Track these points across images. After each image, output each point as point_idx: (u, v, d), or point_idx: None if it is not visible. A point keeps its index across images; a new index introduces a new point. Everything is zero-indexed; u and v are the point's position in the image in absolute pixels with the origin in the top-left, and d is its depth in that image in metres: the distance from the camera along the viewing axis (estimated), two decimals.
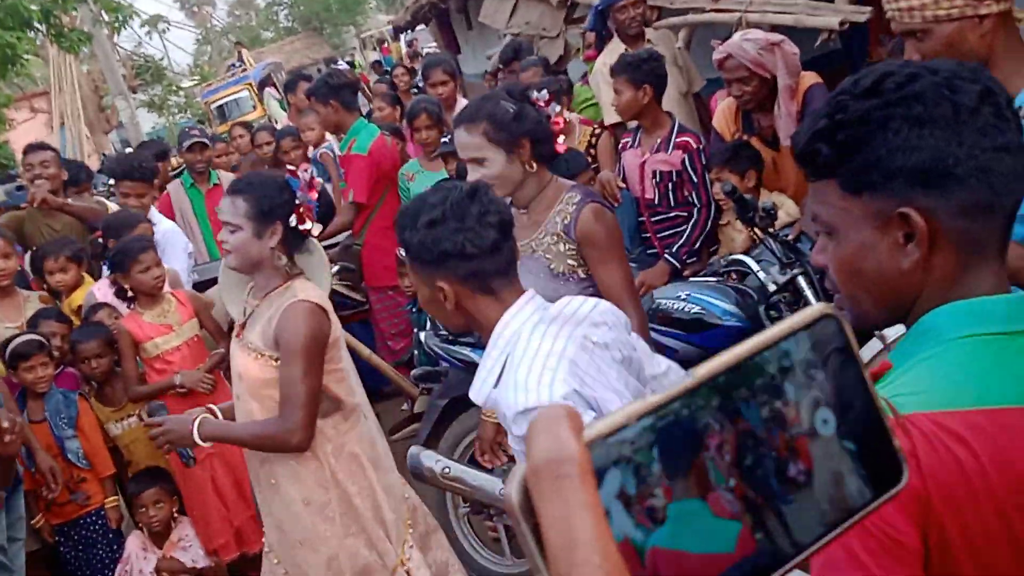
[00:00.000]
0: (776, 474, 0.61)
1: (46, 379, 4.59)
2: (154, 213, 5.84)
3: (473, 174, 3.15)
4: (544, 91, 3.29)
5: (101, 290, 5.02)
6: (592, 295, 3.10)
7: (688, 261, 4.78)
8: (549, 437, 0.54)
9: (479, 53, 13.43)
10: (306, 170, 3.38)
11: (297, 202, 3.27)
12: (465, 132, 3.15)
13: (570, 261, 3.22)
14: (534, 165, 3.17)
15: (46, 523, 4.61)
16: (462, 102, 6.58)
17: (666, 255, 4.77)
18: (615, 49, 5.80)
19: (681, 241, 4.80)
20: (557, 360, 2.23)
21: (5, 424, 3.24)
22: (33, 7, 10.89)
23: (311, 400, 3.19)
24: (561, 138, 3.28)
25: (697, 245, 4.80)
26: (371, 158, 6.12)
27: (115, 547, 4.65)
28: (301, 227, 3.29)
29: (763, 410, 0.61)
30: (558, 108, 3.28)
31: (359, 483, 3.41)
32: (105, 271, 5.13)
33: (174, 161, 10.35)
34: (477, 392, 2.40)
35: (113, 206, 6.08)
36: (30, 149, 6.24)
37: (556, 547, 0.52)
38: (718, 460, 0.58)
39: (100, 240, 5.25)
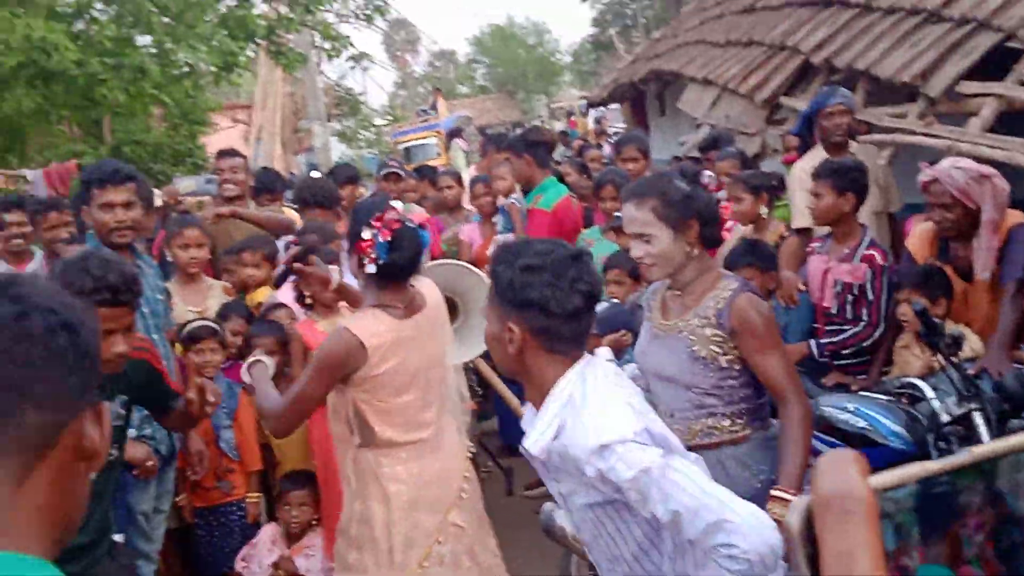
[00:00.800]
0: None
1: (214, 364, 4.80)
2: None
3: (636, 250, 3.21)
4: (711, 175, 3.37)
5: (284, 293, 5.23)
6: (731, 386, 3.23)
7: (836, 362, 4.75)
8: (839, 474, 0.56)
9: (669, 138, 13.52)
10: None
11: None
12: (634, 207, 3.18)
13: (713, 348, 3.20)
14: (697, 249, 3.21)
15: (189, 503, 4.78)
16: None
17: (811, 342, 4.79)
18: (816, 156, 5.78)
19: (834, 339, 4.75)
20: (622, 402, 2.37)
21: (212, 399, 3.47)
22: (261, 23, 11.50)
23: (302, 401, 3.37)
24: (728, 223, 3.35)
25: (844, 351, 4.74)
26: (554, 216, 6.24)
27: (247, 540, 4.78)
28: None
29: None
30: (723, 195, 3.38)
31: (381, 516, 3.51)
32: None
33: (361, 190, 10.72)
34: (534, 444, 2.42)
35: (297, 217, 6.34)
36: (223, 154, 6.63)
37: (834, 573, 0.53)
38: (973, 536, 0.59)
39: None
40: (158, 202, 6.70)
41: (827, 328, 4.91)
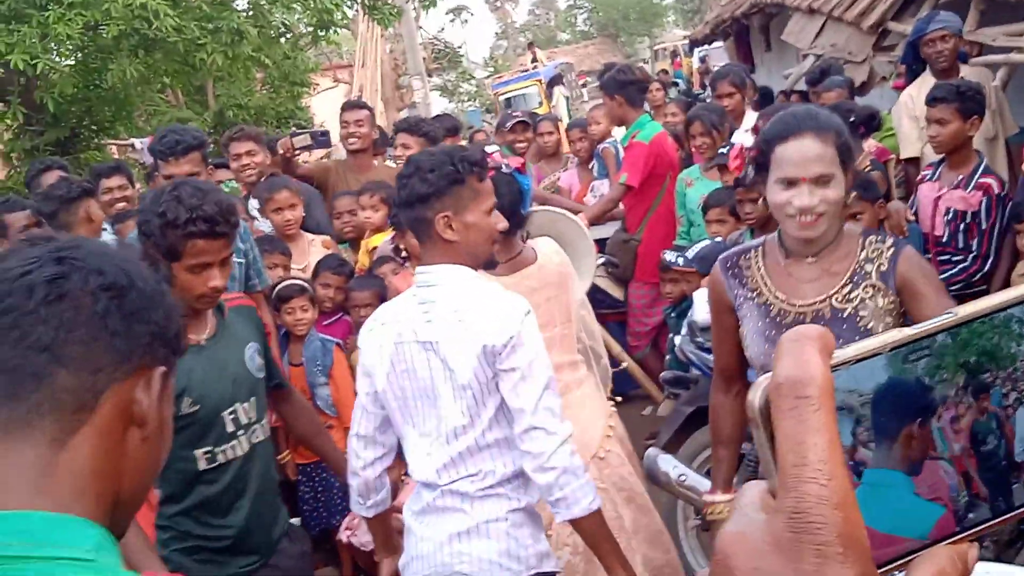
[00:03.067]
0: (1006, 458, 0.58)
1: (305, 322, 4.80)
2: None
3: (810, 197, 2.53)
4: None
5: (384, 246, 5.24)
6: None
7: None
8: (797, 355, 0.55)
9: (775, 73, 13.14)
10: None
11: None
12: (817, 140, 2.53)
13: (888, 319, 2.63)
14: (850, 198, 2.63)
15: (291, 460, 4.83)
16: (751, 115, 6.47)
17: None
18: (924, 83, 5.53)
19: (942, 275, 4.55)
20: None
21: None
22: None
23: None
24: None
25: (953, 286, 4.52)
26: (651, 147, 6.14)
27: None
28: None
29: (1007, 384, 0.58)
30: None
31: None
32: None
33: (462, 142, 10.74)
34: None
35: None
36: (348, 107, 6.64)
37: (787, 463, 0.54)
38: (947, 431, 0.56)
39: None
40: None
41: (939, 258, 4.72)
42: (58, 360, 1.13)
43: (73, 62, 10.47)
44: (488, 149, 3.56)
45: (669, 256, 5.30)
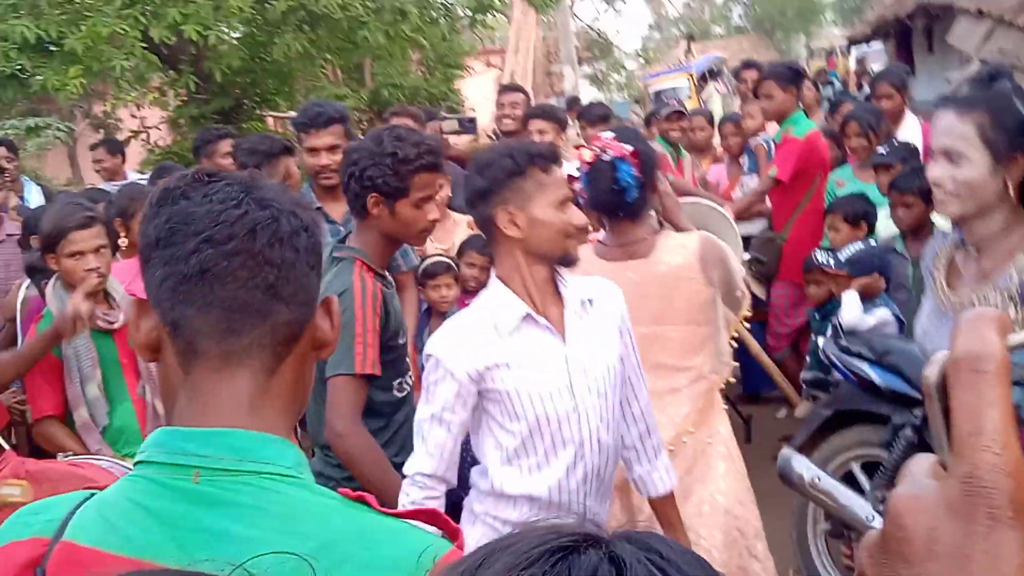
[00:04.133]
0: None
1: (449, 299, 4.92)
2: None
3: (937, 169, 2.51)
4: None
5: None
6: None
7: None
8: (975, 333, 0.59)
9: (936, 78, 12.76)
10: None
11: None
12: (955, 116, 2.47)
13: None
14: (1014, 194, 2.47)
15: None
16: (910, 118, 6.35)
17: None
18: None
19: None
20: None
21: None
22: None
23: None
24: None
25: None
26: (805, 144, 6.06)
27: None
28: None
29: None
30: None
31: None
32: None
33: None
34: None
35: None
36: (505, 89, 6.77)
37: (962, 432, 0.58)
38: None
39: None
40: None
41: None
42: (280, 298, 1.23)
43: (241, 35, 10.84)
44: (603, 135, 3.55)
45: (820, 257, 5.23)
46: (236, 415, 1.21)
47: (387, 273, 3.26)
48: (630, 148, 3.39)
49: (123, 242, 4.32)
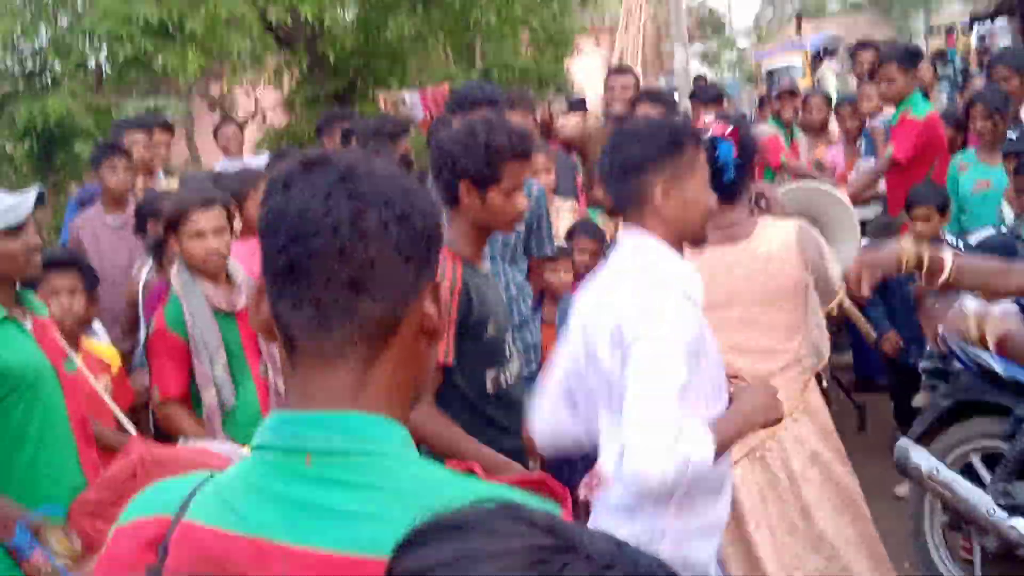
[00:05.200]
0: None
1: (565, 284, 4.93)
2: None
3: None
4: None
5: None
6: None
7: None
8: None
9: None
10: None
11: None
12: None
13: None
14: None
15: None
16: None
17: None
18: None
19: None
20: None
21: None
22: None
23: None
24: None
25: None
26: (925, 125, 5.89)
27: (588, 468, 4.90)
28: None
29: None
30: None
31: None
32: None
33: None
34: None
35: None
36: (615, 71, 6.76)
37: None
38: None
39: None
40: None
41: None
42: (364, 294, 1.23)
43: (355, 17, 10.99)
44: (705, 118, 3.53)
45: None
46: (339, 402, 1.23)
47: (478, 262, 3.25)
48: (730, 127, 3.37)
49: (237, 224, 4.41)
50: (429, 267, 1.31)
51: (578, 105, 6.65)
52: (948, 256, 2.85)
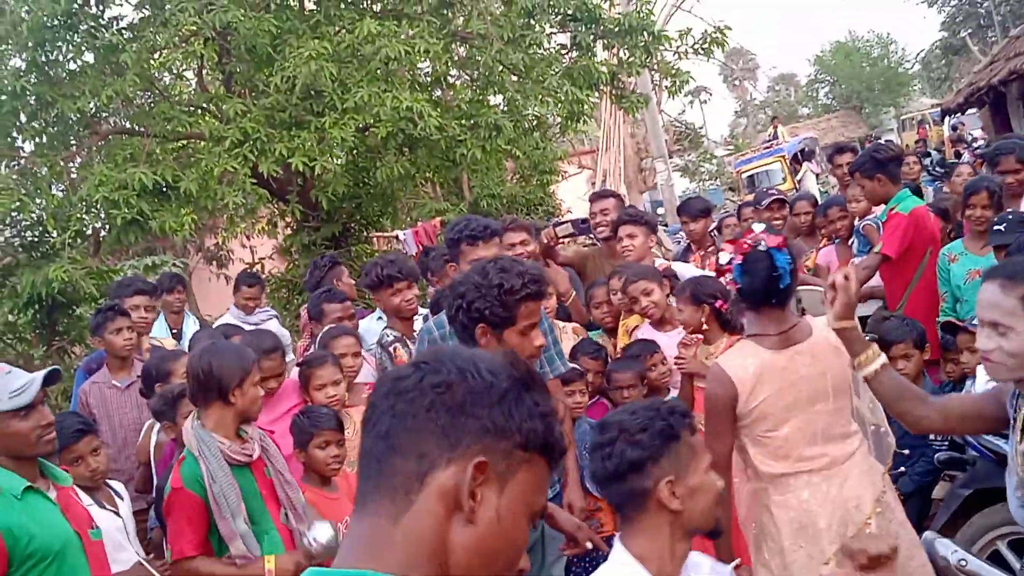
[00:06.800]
0: None
1: (581, 407, 4.98)
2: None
3: (986, 341, 2.62)
4: None
5: (646, 329, 5.37)
6: None
7: None
8: None
9: None
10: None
11: None
12: (999, 289, 2.58)
13: None
14: None
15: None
16: None
17: None
18: None
19: None
20: None
21: None
22: (603, 70, 11.88)
23: (715, 456, 2.79)
24: None
25: None
26: (911, 218, 6.02)
27: None
28: None
29: None
30: None
31: (775, 542, 3.48)
32: None
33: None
34: None
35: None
36: (595, 197, 6.94)
37: None
38: None
39: None
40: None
41: None
42: (392, 447, 1.32)
43: (344, 162, 11.24)
44: (754, 228, 3.66)
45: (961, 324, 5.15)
46: (362, 558, 1.29)
47: None
48: (779, 237, 3.53)
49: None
50: (471, 442, 1.32)
51: (582, 224, 6.78)
52: (877, 365, 3.01)
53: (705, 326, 4.71)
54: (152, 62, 10.88)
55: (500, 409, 1.34)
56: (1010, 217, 5.49)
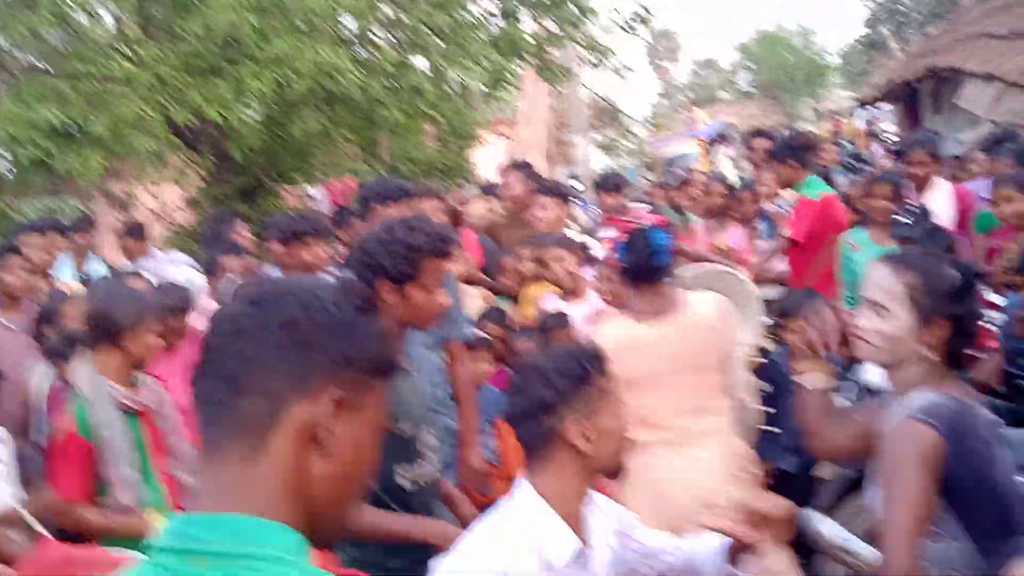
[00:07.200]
0: None
1: (486, 373, 4.99)
2: None
3: (864, 320, 2.69)
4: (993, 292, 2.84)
5: (552, 299, 5.40)
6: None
7: None
8: None
9: (945, 138, 12.93)
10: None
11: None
12: (891, 272, 2.63)
13: None
14: (934, 355, 2.60)
15: None
16: (940, 183, 6.41)
17: None
18: None
19: None
20: None
21: None
22: (529, 40, 11.84)
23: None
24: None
25: None
26: (819, 204, 6.15)
27: None
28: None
29: None
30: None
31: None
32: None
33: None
34: None
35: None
36: (506, 167, 6.96)
37: None
38: None
39: None
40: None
41: None
42: (239, 389, 1.29)
43: (261, 115, 11.04)
44: (634, 206, 3.76)
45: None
46: (225, 502, 1.27)
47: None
48: (659, 218, 3.63)
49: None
50: (324, 378, 1.32)
51: (490, 190, 6.79)
52: (813, 380, 3.03)
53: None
54: None
55: (347, 340, 1.34)
56: (916, 211, 5.63)
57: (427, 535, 2.96)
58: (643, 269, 3.67)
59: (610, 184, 7.58)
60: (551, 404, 2.42)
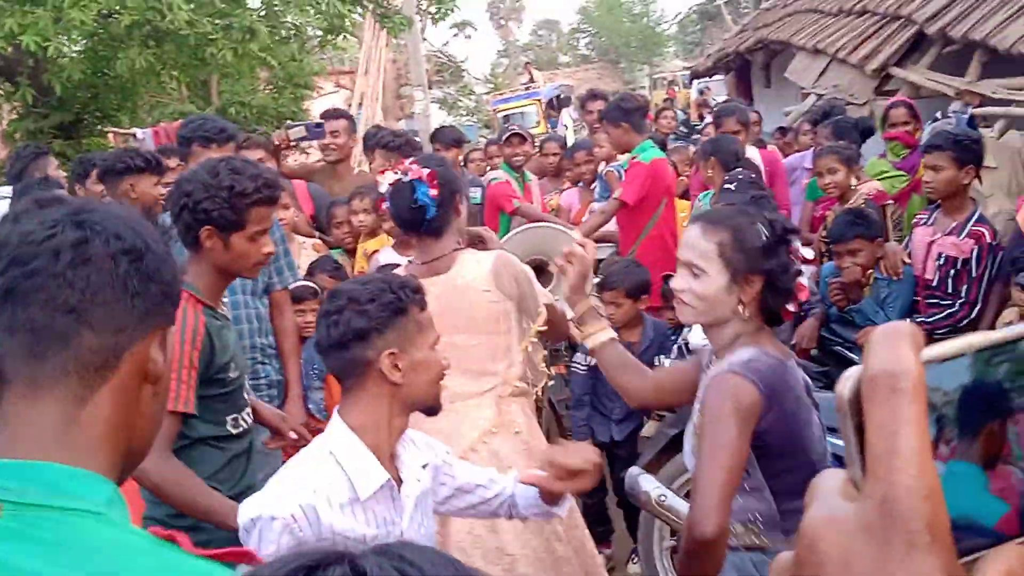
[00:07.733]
0: None
1: (311, 326, 4.86)
2: None
3: (679, 281, 2.68)
4: (805, 247, 2.91)
5: (387, 252, 5.30)
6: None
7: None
8: (890, 350, 0.56)
9: (773, 111, 13.31)
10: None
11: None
12: (700, 232, 2.64)
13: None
14: (749, 312, 2.63)
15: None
16: (751, 151, 6.59)
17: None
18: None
19: (927, 319, 4.72)
20: None
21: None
22: None
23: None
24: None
25: (938, 331, 4.61)
26: (651, 167, 6.23)
27: None
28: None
29: None
30: (804, 277, 2.77)
31: None
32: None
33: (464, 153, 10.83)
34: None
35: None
36: (326, 116, 6.74)
37: (877, 452, 0.55)
38: (1022, 437, 0.58)
39: None
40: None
41: (927, 301, 4.83)
42: (83, 321, 1.20)
43: (83, 48, 10.51)
44: (407, 163, 3.69)
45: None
46: (44, 446, 1.17)
47: (218, 306, 3.15)
48: (427, 170, 3.53)
49: None
50: (159, 311, 1.28)
51: (316, 128, 6.60)
52: (604, 338, 3.03)
53: None
54: None
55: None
56: (740, 177, 5.75)
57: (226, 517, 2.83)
58: (411, 221, 3.59)
59: (448, 139, 7.50)
60: (364, 333, 2.37)
